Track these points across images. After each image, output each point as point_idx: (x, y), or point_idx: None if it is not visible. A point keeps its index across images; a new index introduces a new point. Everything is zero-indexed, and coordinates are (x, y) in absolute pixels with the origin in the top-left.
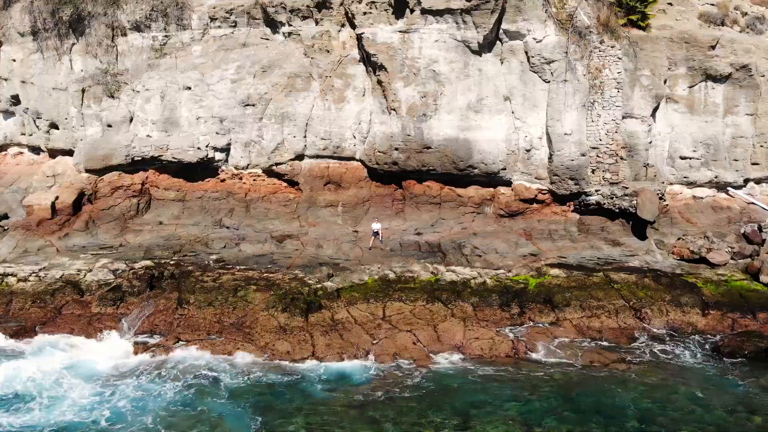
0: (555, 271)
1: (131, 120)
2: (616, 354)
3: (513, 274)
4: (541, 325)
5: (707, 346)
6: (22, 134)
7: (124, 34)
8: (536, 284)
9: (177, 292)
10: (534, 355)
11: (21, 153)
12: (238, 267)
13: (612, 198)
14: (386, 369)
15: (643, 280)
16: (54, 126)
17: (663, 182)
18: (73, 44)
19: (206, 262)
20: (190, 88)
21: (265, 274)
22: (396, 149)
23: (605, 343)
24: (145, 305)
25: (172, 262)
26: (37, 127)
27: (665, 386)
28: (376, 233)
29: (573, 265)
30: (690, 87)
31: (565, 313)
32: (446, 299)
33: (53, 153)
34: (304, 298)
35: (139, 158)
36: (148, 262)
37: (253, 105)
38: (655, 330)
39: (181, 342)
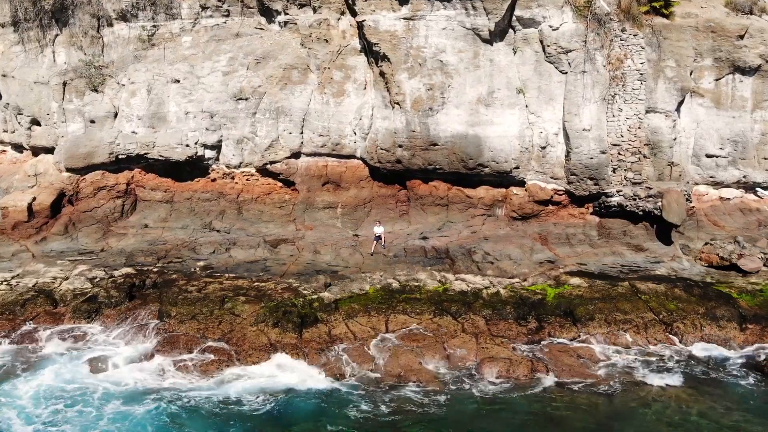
0: (575, 280)
1: (116, 115)
2: (649, 375)
3: (529, 284)
4: (562, 341)
5: (748, 365)
6: (4, 131)
7: (110, 25)
8: (555, 295)
9: (158, 304)
10: (556, 378)
11: (4, 151)
12: (226, 275)
13: (635, 199)
14: (389, 393)
15: (672, 290)
16: (36, 122)
17: (688, 182)
18: (57, 35)
19: (192, 270)
20: (178, 81)
21: (255, 283)
22: (400, 146)
23: (635, 363)
24: (122, 318)
25: (155, 270)
26: (19, 123)
27: (707, 413)
28: (378, 237)
29: (594, 273)
30: (716, 80)
31: (588, 328)
32: (456, 312)
33: (36, 151)
34: (298, 311)
35: (124, 156)
36: (129, 270)
37: (246, 99)
38: (689, 347)
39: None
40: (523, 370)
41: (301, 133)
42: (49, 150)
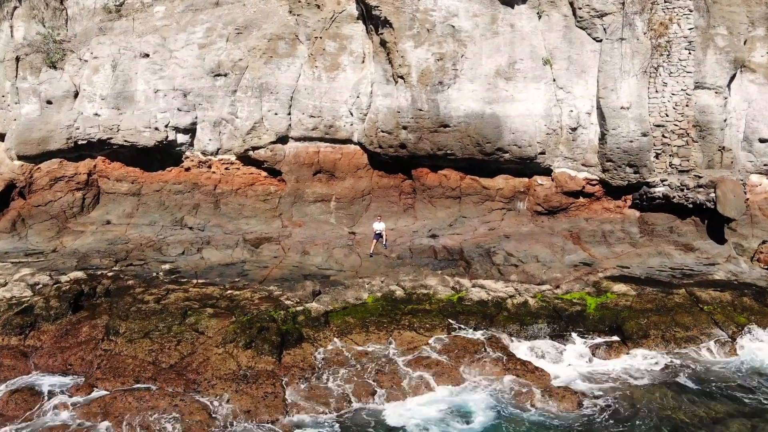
0: (619, 287)
1: (76, 95)
2: (725, 406)
3: (563, 291)
4: (610, 364)
5: None
6: None
7: None
8: (597, 306)
9: (107, 317)
10: (609, 412)
11: None
12: (195, 281)
13: (682, 190)
14: None
15: (740, 299)
16: None
17: (740, 170)
18: (15, 8)
19: (154, 274)
20: (148, 56)
21: (228, 291)
22: (404, 128)
23: (706, 393)
24: (61, 335)
25: (110, 274)
26: None
27: None
28: (378, 236)
29: (641, 277)
30: None
31: (642, 348)
32: (475, 327)
33: None
34: (278, 327)
35: (85, 141)
36: (79, 274)
37: (225, 75)
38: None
39: (96, 391)
40: (568, 404)
41: (289, 113)
42: (4, 137)
